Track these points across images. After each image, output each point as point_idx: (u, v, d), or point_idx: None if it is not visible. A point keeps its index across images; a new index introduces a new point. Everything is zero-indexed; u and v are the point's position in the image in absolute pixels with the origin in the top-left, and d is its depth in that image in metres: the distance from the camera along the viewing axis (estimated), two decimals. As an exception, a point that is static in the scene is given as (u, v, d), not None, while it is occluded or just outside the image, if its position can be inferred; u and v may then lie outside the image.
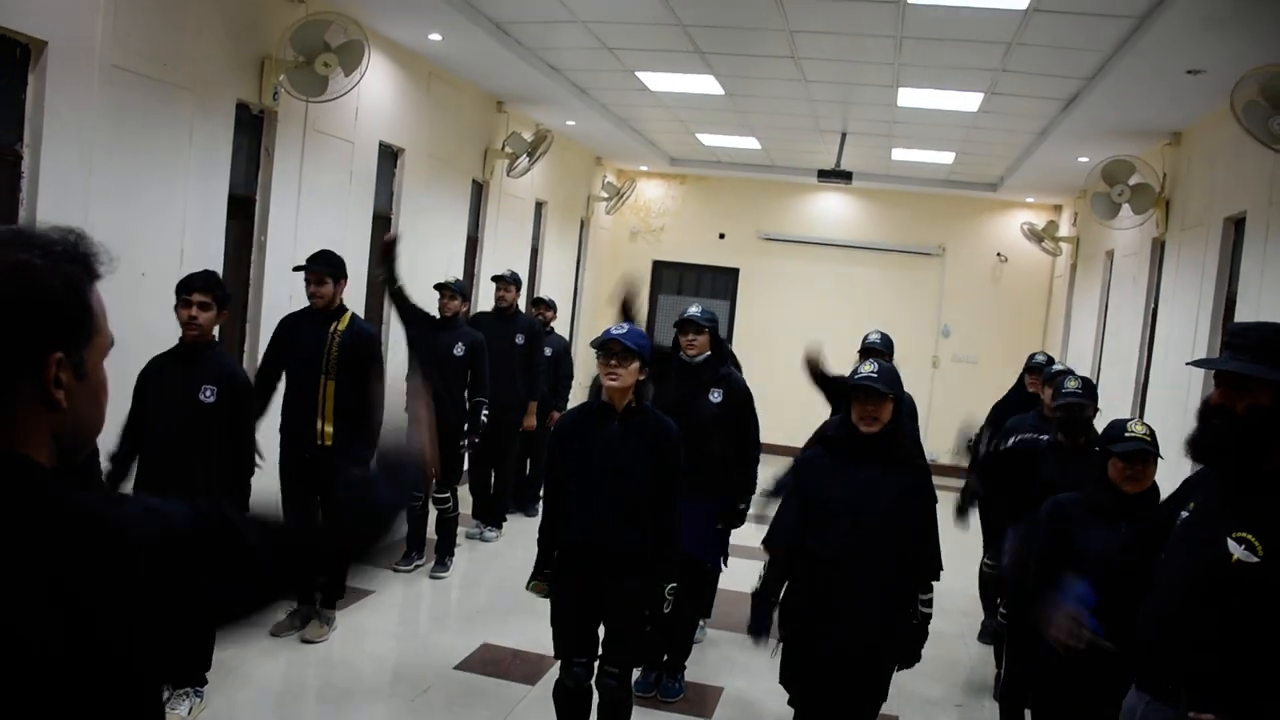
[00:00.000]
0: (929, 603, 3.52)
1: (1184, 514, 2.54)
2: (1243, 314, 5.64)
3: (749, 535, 5.17)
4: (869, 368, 3.46)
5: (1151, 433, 3.32)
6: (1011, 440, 4.47)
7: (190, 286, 4.10)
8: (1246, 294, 5.76)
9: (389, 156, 7.31)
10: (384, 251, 5.95)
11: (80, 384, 1.17)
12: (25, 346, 1.12)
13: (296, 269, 5.05)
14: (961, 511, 5.53)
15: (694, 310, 4.74)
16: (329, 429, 4.96)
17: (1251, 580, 2.27)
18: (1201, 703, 2.31)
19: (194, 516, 1.21)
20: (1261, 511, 2.30)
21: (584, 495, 3.64)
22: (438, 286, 6.40)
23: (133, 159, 4.77)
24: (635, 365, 3.59)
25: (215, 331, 4.26)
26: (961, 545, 6.12)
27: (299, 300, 5.21)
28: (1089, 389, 4.26)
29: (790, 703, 3.62)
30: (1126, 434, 3.26)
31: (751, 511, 4.96)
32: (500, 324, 7.08)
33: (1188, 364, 2.87)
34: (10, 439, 1.12)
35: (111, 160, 4.62)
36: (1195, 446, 2.44)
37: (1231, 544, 2.29)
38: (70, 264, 1.17)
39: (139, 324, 4.09)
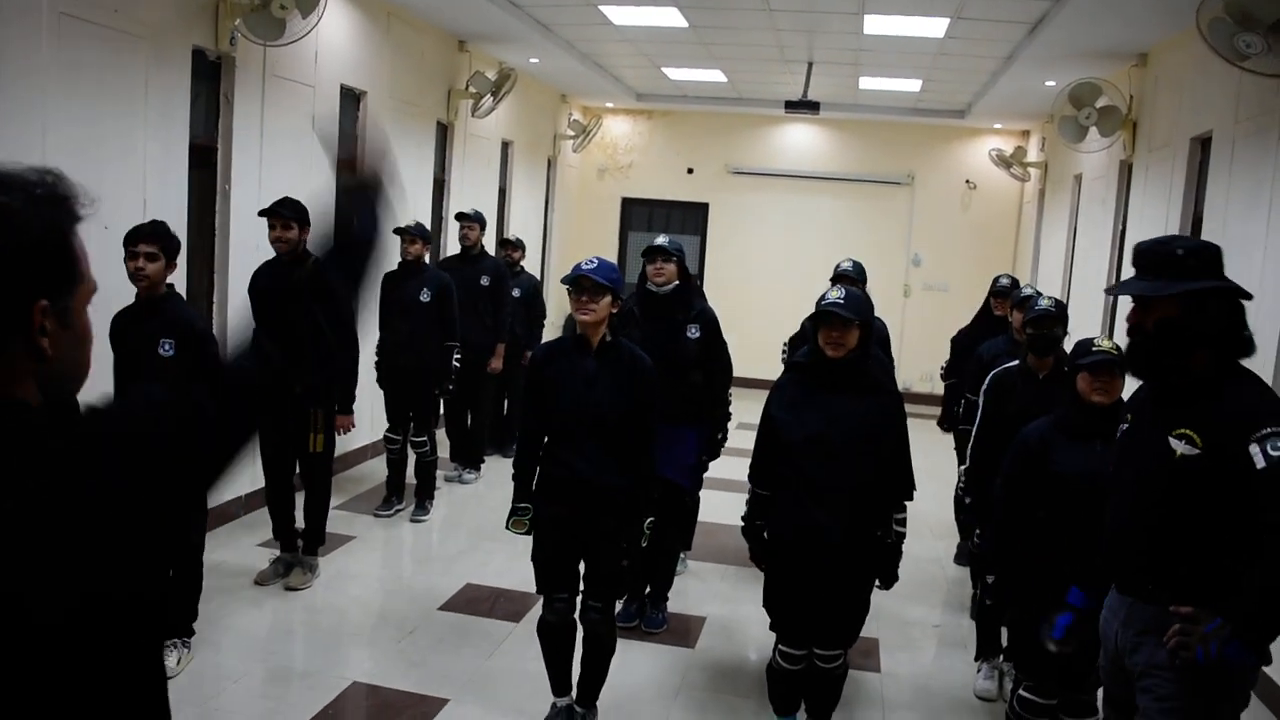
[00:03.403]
0: (903, 522, 3.61)
1: (1123, 425, 2.66)
2: (1209, 233, 5.69)
3: (725, 468, 5.24)
4: (835, 294, 3.48)
5: (1118, 348, 3.36)
6: (986, 380, 4.49)
7: (137, 237, 3.99)
8: (1212, 213, 5.81)
9: (351, 100, 7.19)
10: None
11: (65, 332, 1.15)
12: (9, 296, 1.09)
13: (261, 213, 4.98)
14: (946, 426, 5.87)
15: (661, 239, 4.76)
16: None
17: (1195, 472, 2.39)
18: (1178, 597, 2.40)
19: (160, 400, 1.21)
20: (1196, 410, 2.42)
21: (562, 430, 3.65)
22: (397, 231, 6.33)
23: (88, 111, 4.66)
24: (607, 299, 3.58)
25: (175, 282, 4.19)
26: (937, 470, 6.23)
27: (266, 249, 5.14)
28: (1060, 308, 4.28)
29: (772, 627, 3.69)
30: (1094, 348, 3.31)
31: (729, 444, 5.02)
32: (466, 265, 7.03)
33: (1105, 291, 2.99)
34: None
35: (66, 113, 4.51)
36: (1128, 363, 2.61)
37: (1173, 441, 2.41)
38: (50, 207, 1.13)
39: (105, 279, 4.01)
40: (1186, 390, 2.45)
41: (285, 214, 4.91)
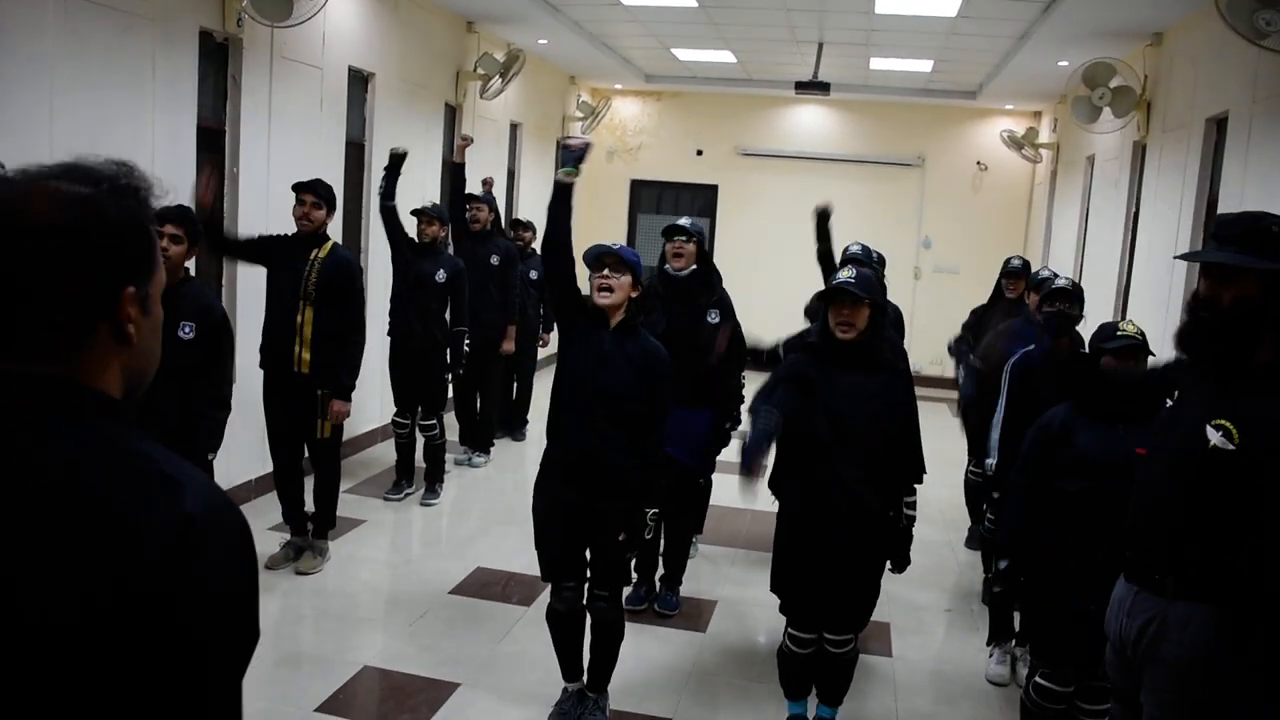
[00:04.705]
0: (913, 505, 3.59)
1: (1169, 401, 2.54)
2: (1224, 214, 5.63)
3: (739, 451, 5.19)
4: (846, 273, 3.45)
5: (1142, 332, 3.33)
6: (1008, 367, 4.44)
7: (161, 219, 4.02)
8: (1228, 195, 5.74)
9: (359, 82, 7.15)
10: (391, 164, 6.06)
11: (146, 319, 1.16)
12: (103, 281, 1.11)
13: (295, 187, 4.99)
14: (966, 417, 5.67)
15: (684, 220, 4.75)
16: (306, 355, 4.92)
17: (1225, 467, 2.27)
18: (1186, 591, 2.34)
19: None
20: (1243, 402, 2.29)
21: (570, 399, 3.60)
22: (415, 212, 6.32)
23: (95, 93, 4.63)
24: (628, 279, 3.54)
25: (191, 266, 4.19)
26: (946, 453, 6.20)
27: (276, 230, 5.13)
28: (1076, 288, 4.29)
29: (782, 610, 3.67)
30: (1118, 333, 3.27)
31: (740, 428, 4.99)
32: (475, 246, 7.01)
33: (1176, 257, 2.87)
34: (88, 375, 1.11)
35: (73, 95, 4.48)
36: (1182, 339, 2.43)
37: (1210, 430, 2.29)
38: (129, 197, 1.15)
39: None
40: (1241, 379, 2.30)
41: (318, 193, 4.96)
